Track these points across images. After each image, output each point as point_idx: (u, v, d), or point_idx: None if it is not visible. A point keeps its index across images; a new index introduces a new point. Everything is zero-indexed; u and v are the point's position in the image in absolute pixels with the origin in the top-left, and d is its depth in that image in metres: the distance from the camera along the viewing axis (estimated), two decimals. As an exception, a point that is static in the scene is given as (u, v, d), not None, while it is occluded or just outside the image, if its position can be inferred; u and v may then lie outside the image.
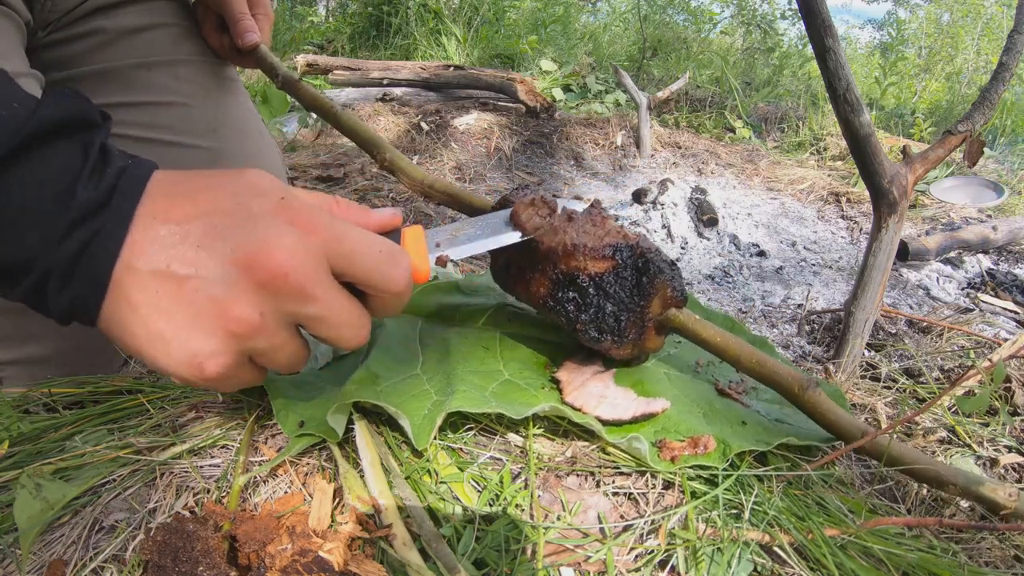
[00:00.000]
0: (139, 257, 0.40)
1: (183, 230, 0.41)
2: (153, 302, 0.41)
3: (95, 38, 0.82)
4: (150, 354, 0.42)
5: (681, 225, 1.95)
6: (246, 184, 0.44)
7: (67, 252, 0.40)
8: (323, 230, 0.43)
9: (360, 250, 0.45)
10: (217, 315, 0.41)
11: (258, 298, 0.41)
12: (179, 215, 0.41)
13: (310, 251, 0.42)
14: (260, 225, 0.42)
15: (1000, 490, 0.52)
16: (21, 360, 0.75)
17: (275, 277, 0.41)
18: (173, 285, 0.40)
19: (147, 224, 0.41)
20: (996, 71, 0.92)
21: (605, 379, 0.59)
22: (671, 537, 0.47)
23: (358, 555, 0.44)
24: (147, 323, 0.41)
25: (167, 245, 0.41)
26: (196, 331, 0.41)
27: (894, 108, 3.93)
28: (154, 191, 0.42)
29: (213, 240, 0.41)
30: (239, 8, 0.86)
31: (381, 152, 0.74)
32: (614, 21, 5.61)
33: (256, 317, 0.41)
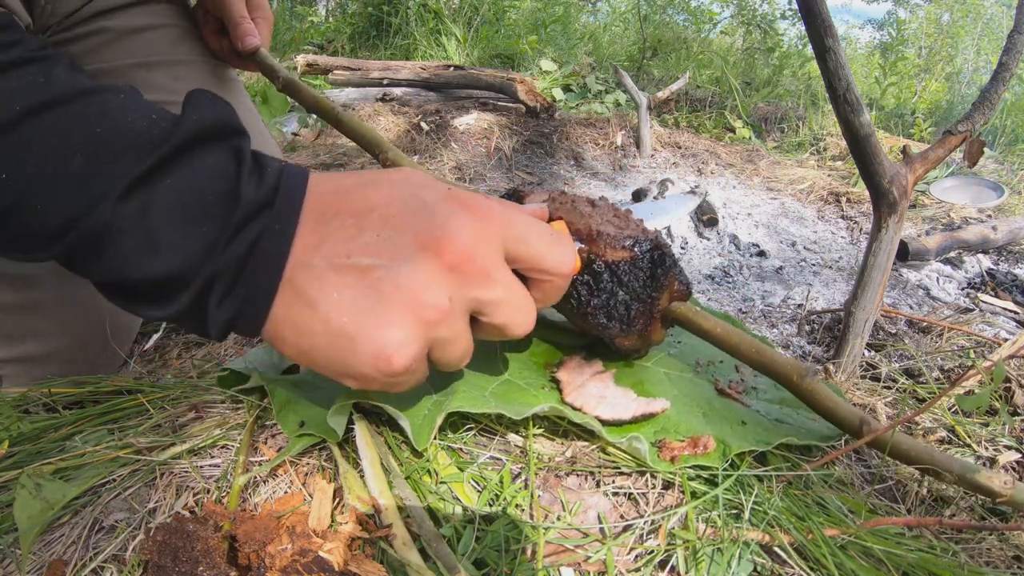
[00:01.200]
0: (314, 252, 0.39)
1: (358, 222, 0.40)
2: (334, 297, 0.39)
3: (96, 38, 0.82)
4: (329, 354, 0.40)
5: (681, 225, 1.95)
6: (407, 178, 0.43)
7: (234, 254, 0.38)
8: (497, 215, 0.43)
9: (533, 234, 0.45)
10: (407, 302, 0.39)
11: (447, 282, 0.40)
12: (351, 208, 0.40)
13: (490, 235, 0.42)
14: (439, 212, 0.41)
15: (996, 478, 0.52)
16: (21, 358, 0.75)
17: (462, 260, 0.40)
18: (356, 276, 0.39)
19: (316, 220, 0.40)
20: (996, 71, 0.92)
21: (605, 379, 0.60)
22: (671, 537, 0.47)
23: (358, 555, 0.44)
24: (328, 320, 0.39)
25: (344, 238, 0.39)
26: (384, 322, 0.39)
27: (894, 108, 3.93)
28: (315, 189, 0.41)
29: (393, 228, 0.40)
30: (238, 12, 0.86)
31: (383, 152, 0.75)
32: (614, 21, 5.61)
33: (446, 302, 0.40)
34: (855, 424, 0.56)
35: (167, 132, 0.38)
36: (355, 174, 0.44)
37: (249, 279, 0.39)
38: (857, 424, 0.55)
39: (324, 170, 2.11)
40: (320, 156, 2.24)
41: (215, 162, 0.39)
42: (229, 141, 0.41)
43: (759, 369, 0.59)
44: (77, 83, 0.39)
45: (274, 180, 0.40)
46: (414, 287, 0.39)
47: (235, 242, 0.38)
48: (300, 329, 0.40)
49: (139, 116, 0.39)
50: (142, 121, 0.38)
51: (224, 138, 0.41)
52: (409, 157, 0.71)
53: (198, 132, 0.39)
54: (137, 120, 0.38)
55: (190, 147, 0.39)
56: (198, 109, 0.40)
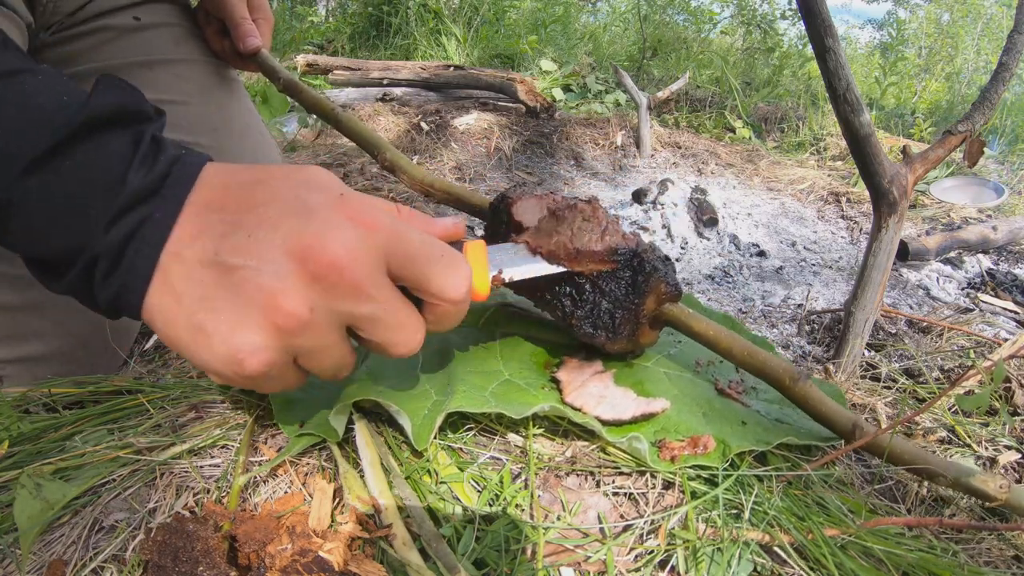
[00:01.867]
0: (187, 245, 0.39)
1: (235, 219, 0.39)
2: (198, 292, 0.39)
3: (97, 36, 0.82)
4: (190, 347, 0.40)
5: (681, 225, 1.95)
6: (305, 178, 0.42)
7: (115, 238, 0.39)
8: (384, 228, 0.41)
9: (421, 252, 0.42)
10: (264, 307, 0.38)
11: (310, 292, 0.39)
12: (233, 204, 0.40)
13: (369, 248, 0.40)
14: (318, 217, 0.39)
15: (991, 482, 0.52)
16: (22, 358, 0.75)
17: (330, 270, 0.39)
18: (220, 274, 0.38)
19: (198, 212, 0.40)
20: (996, 71, 0.92)
21: (605, 379, 0.60)
22: (671, 537, 0.47)
23: (358, 555, 0.44)
24: (190, 314, 0.39)
25: (217, 234, 0.39)
26: (240, 324, 0.38)
27: (894, 108, 3.93)
28: (208, 180, 0.41)
29: (267, 230, 0.39)
30: (239, 13, 0.86)
31: (382, 152, 0.75)
32: (614, 21, 5.61)
33: (306, 312, 0.39)
34: (848, 428, 0.56)
35: (71, 115, 0.39)
36: (255, 168, 0.43)
37: (128, 264, 0.39)
38: (850, 428, 0.55)
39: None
40: (320, 156, 2.24)
41: (115, 147, 0.40)
42: (132, 127, 0.41)
43: (751, 372, 0.59)
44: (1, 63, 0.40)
45: (165, 168, 0.40)
46: (274, 291, 0.38)
47: (116, 226, 0.39)
48: (167, 318, 0.40)
49: (49, 98, 0.40)
50: (52, 103, 0.39)
51: (127, 124, 0.41)
52: (407, 157, 0.71)
53: (101, 116, 0.40)
54: (47, 102, 0.39)
55: (91, 131, 0.39)
56: (104, 94, 0.41)
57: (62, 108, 0.39)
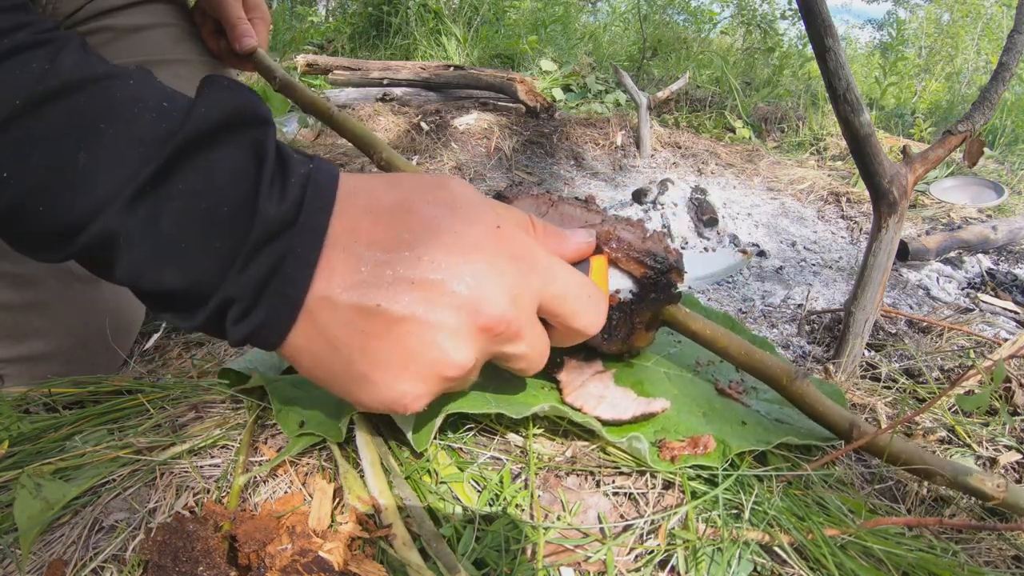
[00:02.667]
0: (339, 287, 0.36)
1: (390, 258, 0.36)
2: (359, 343, 0.36)
3: (96, 37, 0.82)
4: (347, 388, 0.39)
5: (681, 225, 1.95)
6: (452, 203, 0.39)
7: (252, 278, 0.35)
8: (540, 269, 0.41)
9: (571, 293, 0.43)
10: (436, 360, 0.37)
11: (477, 343, 0.39)
12: (382, 238, 0.36)
13: (528, 292, 0.40)
14: (481, 262, 0.37)
15: (988, 481, 0.52)
16: (22, 357, 0.75)
17: (497, 324, 0.38)
18: (384, 326, 0.36)
19: (346, 245, 0.36)
20: (996, 71, 0.92)
21: (605, 379, 0.59)
22: (671, 537, 0.47)
23: (358, 555, 0.44)
24: (349, 363, 0.37)
25: (374, 279, 0.36)
26: (407, 376, 0.38)
27: (894, 108, 3.93)
28: (347, 205, 0.37)
29: (431, 278, 0.36)
30: (235, 13, 0.86)
31: (377, 152, 0.75)
32: (614, 21, 5.61)
33: (472, 362, 0.39)
34: (845, 427, 0.56)
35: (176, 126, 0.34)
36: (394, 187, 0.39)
37: (268, 307, 0.36)
38: (847, 427, 0.55)
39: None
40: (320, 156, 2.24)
41: (231, 163, 0.35)
42: (248, 134, 0.36)
43: (749, 371, 0.59)
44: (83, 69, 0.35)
45: (298, 192, 0.36)
46: (445, 348, 0.37)
47: (253, 264, 0.35)
48: (319, 361, 0.38)
49: (148, 107, 0.35)
50: (150, 113, 0.35)
51: (242, 131, 0.36)
52: (404, 158, 0.71)
53: (211, 126, 0.35)
54: (145, 112, 0.35)
55: (202, 143, 0.35)
56: (210, 97, 0.36)
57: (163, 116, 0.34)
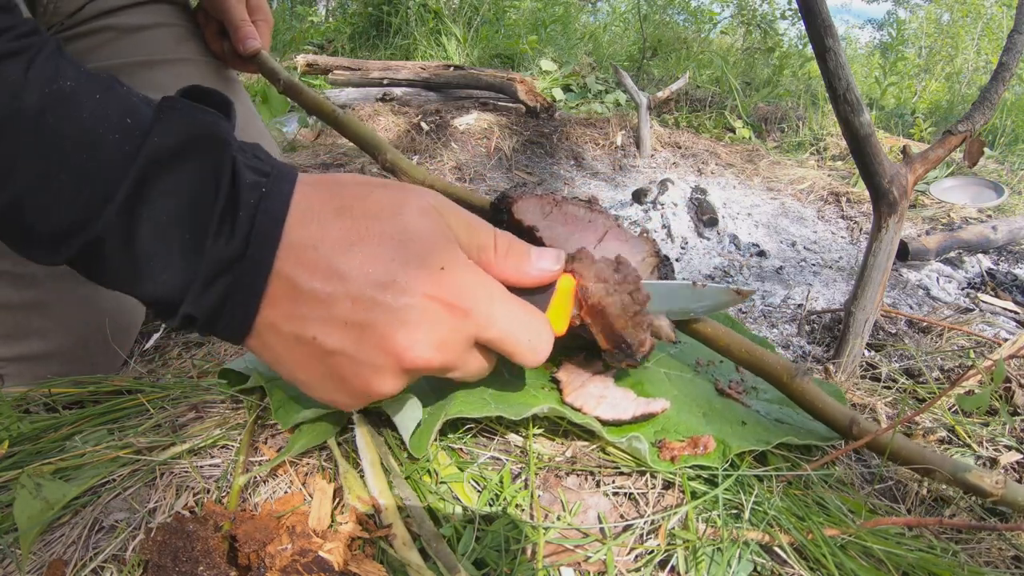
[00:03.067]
0: (282, 317, 0.40)
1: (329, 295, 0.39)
2: (297, 361, 0.42)
3: (97, 36, 0.82)
4: (295, 386, 0.45)
5: (681, 225, 1.95)
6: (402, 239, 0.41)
7: (207, 304, 0.39)
8: (479, 315, 0.43)
9: (510, 338, 0.45)
10: (360, 388, 0.42)
11: (403, 378, 0.43)
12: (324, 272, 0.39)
13: (459, 339, 0.43)
14: (415, 311, 0.40)
15: (987, 477, 0.52)
16: (22, 357, 0.75)
17: (423, 368, 0.42)
18: (319, 355, 0.41)
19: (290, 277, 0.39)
20: (996, 71, 0.91)
21: (605, 380, 0.59)
22: (671, 537, 0.47)
23: (358, 555, 0.44)
24: (292, 373, 0.43)
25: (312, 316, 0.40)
26: (338, 391, 0.43)
27: (894, 108, 3.93)
28: (295, 233, 0.39)
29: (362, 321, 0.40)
30: (239, 15, 0.86)
31: (382, 153, 0.75)
32: (614, 21, 5.61)
33: (397, 390, 0.44)
34: (845, 424, 0.56)
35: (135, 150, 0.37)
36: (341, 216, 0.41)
37: (224, 325, 0.41)
38: (847, 424, 0.56)
39: (324, 170, 2.11)
40: (320, 156, 2.24)
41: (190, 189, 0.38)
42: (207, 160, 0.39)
43: (750, 369, 0.59)
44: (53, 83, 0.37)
45: (247, 228, 0.38)
46: (368, 380, 0.42)
47: (207, 293, 0.39)
48: (268, 362, 0.44)
49: (111, 126, 0.37)
50: (113, 134, 0.37)
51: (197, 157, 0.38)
52: (407, 157, 0.71)
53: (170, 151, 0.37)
54: (109, 132, 0.37)
55: (161, 170, 0.37)
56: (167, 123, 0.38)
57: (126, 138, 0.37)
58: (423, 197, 0.43)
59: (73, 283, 0.77)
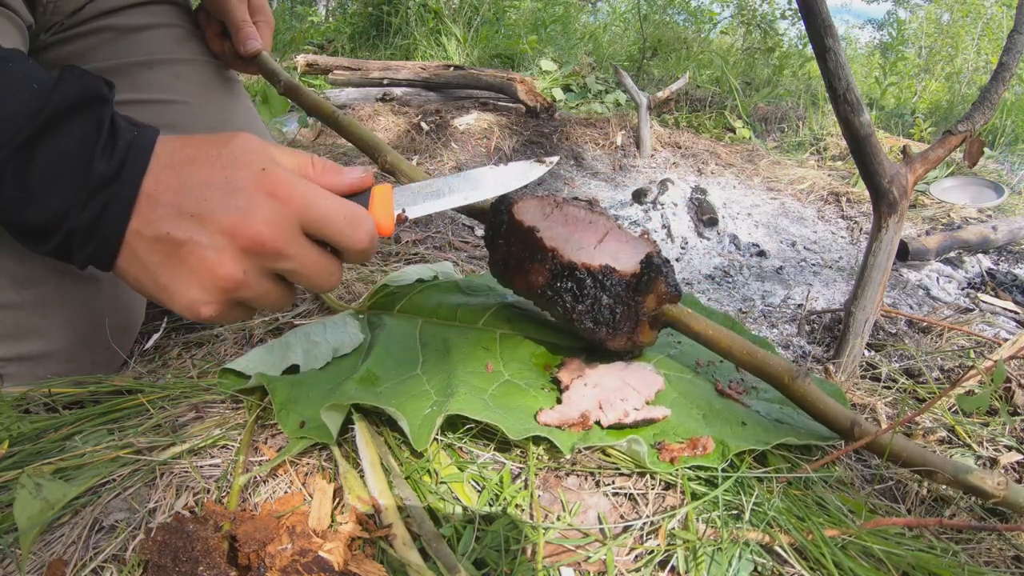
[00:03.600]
0: (144, 224, 0.49)
1: (179, 201, 0.49)
2: (157, 260, 0.50)
3: (97, 37, 0.82)
4: (158, 298, 0.52)
5: (681, 225, 1.95)
6: (231, 155, 0.51)
7: (87, 218, 0.48)
8: (296, 199, 0.51)
9: (328, 216, 0.52)
10: (208, 273, 0.49)
11: (241, 259, 0.50)
12: (176, 186, 0.49)
13: (284, 219, 0.50)
14: (242, 197, 0.49)
15: (988, 479, 0.52)
16: (23, 356, 0.74)
17: (254, 242, 0.49)
18: (172, 248, 0.49)
19: (150, 193, 0.49)
20: (996, 71, 0.91)
21: (606, 381, 0.59)
22: (671, 537, 0.47)
23: (358, 555, 0.44)
24: (154, 277, 0.50)
25: (166, 215, 0.49)
26: (192, 285, 0.50)
27: (894, 108, 3.93)
28: (157, 162, 0.50)
29: (203, 211, 0.49)
30: (241, 16, 0.86)
31: (382, 155, 0.75)
32: (614, 21, 5.61)
33: (240, 275, 0.50)
34: (846, 425, 0.56)
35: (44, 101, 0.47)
36: (194, 142, 0.51)
37: (99, 238, 0.49)
38: (848, 425, 0.56)
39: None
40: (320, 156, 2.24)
41: (80, 132, 0.48)
42: (96, 110, 0.49)
43: (751, 371, 0.59)
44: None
45: (123, 154, 0.49)
46: (212, 263, 0.49)
47: (87, 208, 0.48)
48: (137, 278, 0.51)
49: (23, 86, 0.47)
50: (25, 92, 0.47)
51: (90, 107, 0.49)
52: (407, 157, 0.71)
53: (70, 101, 0.48)
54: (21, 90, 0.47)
55: (62, 115, 0.47)
56: (67, 82, 0.48)
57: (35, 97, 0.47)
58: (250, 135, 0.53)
59: (74, 283, 0.77)
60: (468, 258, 1.55)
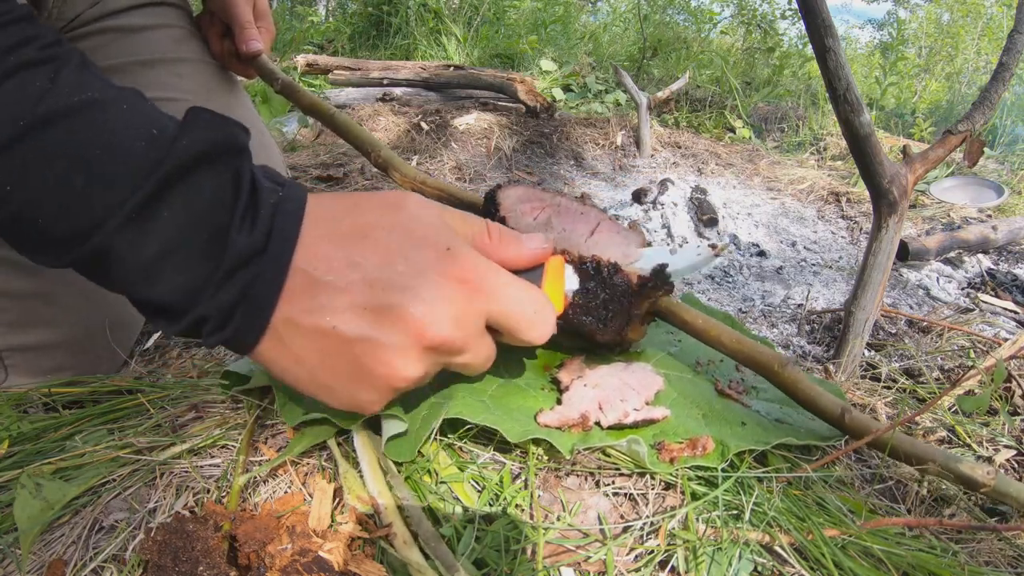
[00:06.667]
0: (300, 311, 0.40)
1: (345, 283, 0.40)
2: (318, 359, 0.41)
3: (99, 38, 0.82)
4: (312, 391, 0.44)
5: (681, 225, 1.95)
6: (407, 227, 0.42)
7: (224, 301, 0.39)
8: (486, 289, 0.44)
9: (516, 310, 0.46)
10: (385, 377, 0.42)
11: (426, 359, 0.43)
12: (340, 265, 0.40)
13: (474, 313, 0.43)
14: (427, 288, 0.41)
15: (978, 468, 0.52)
16: (29, 346, 0.74)
17: (442, 344, 0.42)
18: (339, 345, 0.41)
19: (307, 272, 0.40)
20: (996, 71, 0.92)
21: (606, 382, 0.59)
22: (671, 537, 0.47)
23: (358, 555, 0.44)
24: (311, 373, 0.42)
25: (331, 305, 0.40)
26: (363, 387, 0.43)
27: (894, 108, 3.93)
28: (310, 232, 0.41)
29: (382, 304, 0.40)
30: (246, 16, 0.87)
31: (376, 151, 0.76)
32: (614, 21, 5.61)
33: (420, 375, 0.43)
34: (836, 413, 0.56)
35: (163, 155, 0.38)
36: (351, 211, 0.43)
37: (238, 324, 0.40)
38: (839, 413, 0.56)
39: (324, 169, 2.11)
40: (320, 156, 2.24)
41: (211, 193, 0.39)
42: (228, 165, 0.41)
43: (741, 360, 0.59)
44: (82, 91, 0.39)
45: (267, 222, 0.40)
46: (395, 365, 0.41)
47: (224, 289, 0.39)
48: (284, 369, 0.43)
49: (139, 134, 0.39)
50: (141, 141, 0.39)
51: (221, 161, 0.40)
52: (407, 156, 0.72)
53: (193, 157, 0.39)
54: (137, 139, 0.39)
55: (185, 174, 0.39)
56: (194, 128, 0.40)
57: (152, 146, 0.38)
58: (417, 195, 0.46)
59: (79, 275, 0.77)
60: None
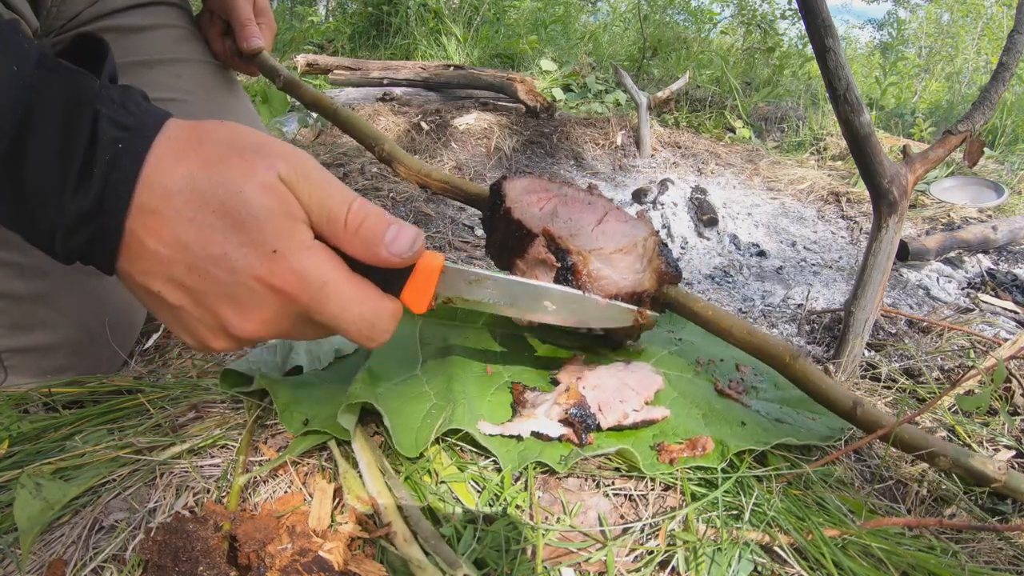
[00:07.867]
0: (134, 271, 0.44)
1: (169, 259, 0.43)
2: (151, 305, 0.46)
3: None
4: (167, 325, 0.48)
5: (681, 225, 1.95)
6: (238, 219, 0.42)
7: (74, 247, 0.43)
8: (305, 301, 0.44)
9: (338, 322, 0.45)
10: (201, 339, 0.46)
11: (234, 343, 0.46)
12: (168, 237, 0.42)
13: (288, 315, 0.45)
14: (239, 289, 0.43)
15: (990, 463, 0.52)
16: (29, 348, 0.74)
17: (251, 339, 0.46)
18: (165, 305, 0.45)
19: (137, 235, 0.42)
20: (996, 71, 0.91)
21: (606, 382, 0.59)
22: (671, 538, 0.47)
23: (358, 555, 0.44)
24: (151, 311, 0.47)
25: (156, 274, 0.43)
26: (188, 337, 0.47)
27: (894, 108, 3.92)
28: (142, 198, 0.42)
29: (196, 287, 0.43)
30: (246, 14, 0.87)
31: (380, 144, 0.76)
32: (614, 21, 5.61)
33: (232, 348, 0.47)
34: (848, 405, 0.56)
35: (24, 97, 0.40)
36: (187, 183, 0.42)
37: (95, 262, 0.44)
38: (851, 405, 0.56)
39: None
40: (320, 155, 2.24)
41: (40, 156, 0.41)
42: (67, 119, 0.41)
43: (751, 352, 0.59)
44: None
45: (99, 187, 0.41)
46: (204, 337, 0.46)
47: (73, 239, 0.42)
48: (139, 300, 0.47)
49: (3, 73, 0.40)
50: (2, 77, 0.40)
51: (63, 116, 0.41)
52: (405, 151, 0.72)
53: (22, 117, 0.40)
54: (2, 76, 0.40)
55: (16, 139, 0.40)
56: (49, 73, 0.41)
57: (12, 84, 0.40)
58: (271, 168, 0.43)
59: (80, 276, 0.77)
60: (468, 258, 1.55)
